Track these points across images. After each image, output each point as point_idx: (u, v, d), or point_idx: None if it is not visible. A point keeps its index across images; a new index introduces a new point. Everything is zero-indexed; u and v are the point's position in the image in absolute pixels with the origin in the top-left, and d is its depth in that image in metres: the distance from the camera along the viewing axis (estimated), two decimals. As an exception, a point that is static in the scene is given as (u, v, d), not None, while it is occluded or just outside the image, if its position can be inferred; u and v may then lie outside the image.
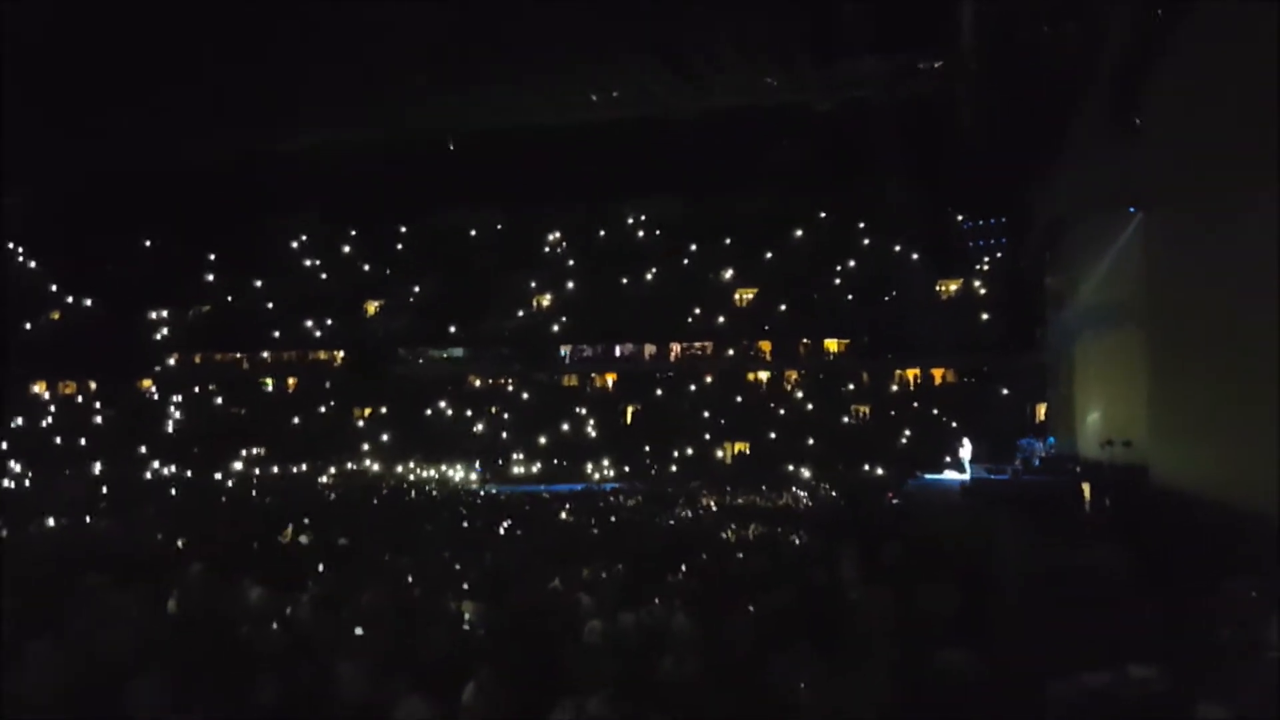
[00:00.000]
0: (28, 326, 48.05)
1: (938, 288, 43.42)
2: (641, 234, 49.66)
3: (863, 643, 8.30)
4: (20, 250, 50.44)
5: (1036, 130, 25.36)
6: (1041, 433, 33.84)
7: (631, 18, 29.54)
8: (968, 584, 9.49)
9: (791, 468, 35.68)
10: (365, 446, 41.51)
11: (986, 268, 42.48)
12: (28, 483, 33.48)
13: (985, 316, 40.64)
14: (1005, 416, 36.57)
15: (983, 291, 42.05)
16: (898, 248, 44.24)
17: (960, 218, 43.16)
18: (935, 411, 39.28)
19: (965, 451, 31.19)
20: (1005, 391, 38.27)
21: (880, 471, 34.26)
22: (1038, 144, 25.93)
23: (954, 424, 38.22)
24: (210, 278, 50.06)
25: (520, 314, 47.15)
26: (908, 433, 38.40)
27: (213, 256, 50.38)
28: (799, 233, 46.44)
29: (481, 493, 32.18)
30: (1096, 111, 21.02)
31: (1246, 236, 12.52)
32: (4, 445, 39.43)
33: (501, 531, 19.16)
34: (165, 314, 48.70)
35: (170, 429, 44.02)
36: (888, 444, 37.44)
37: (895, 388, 41.68)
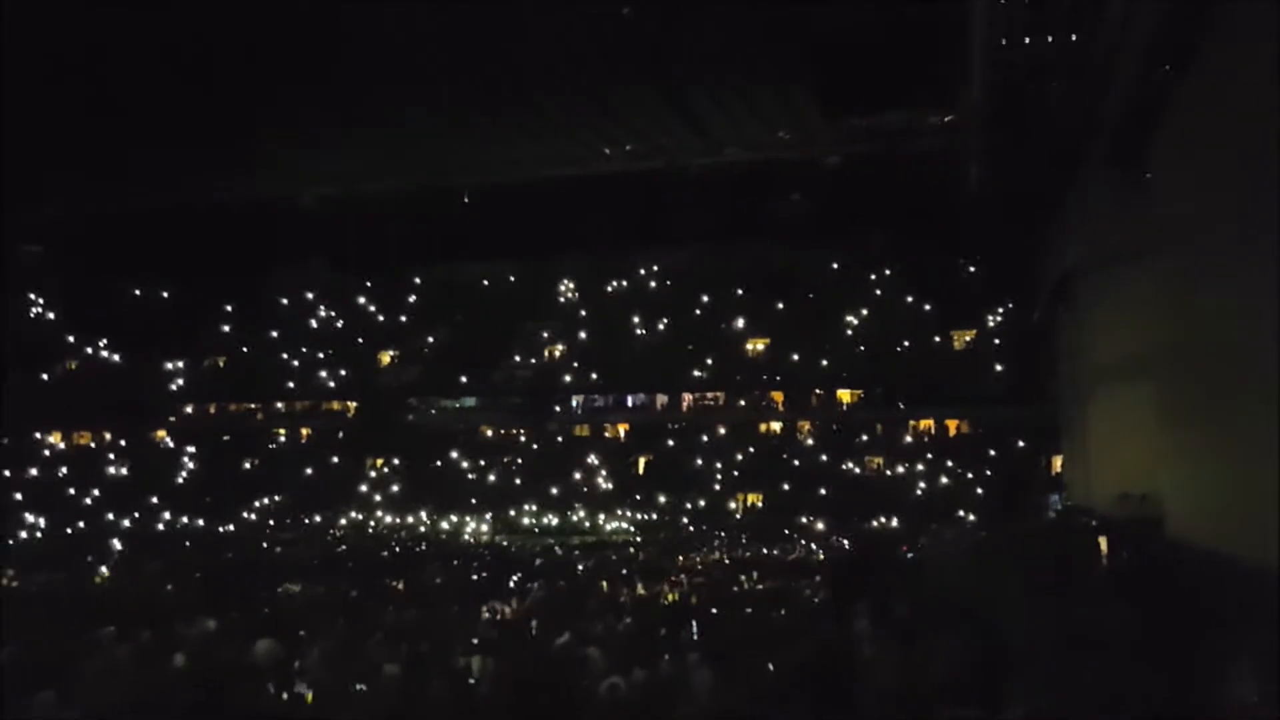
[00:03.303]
0: (44, 377, 48.41)
1: (951, 339, 43.42)
2: (654, 284, 49.91)
3: (873, 699, 8.19)
4: (38, 300, 51.01)
5: (1047, 181, 25.47)
6: (1056, 485, 33.57)
7: (644, 73, 29.97)
8: (981, 640, 9.37)
9: (805, 519, 35.46)
10: (377, 497, 41.48)
11: (999, 319, 42.45)
12: (39, 534, 33.56)
13: (999, 368, 40.53)
14: (1019, 469, 36.35)
15: (996, 342, 41.98)
16: (910, 299, 44.33)
17: (972, 269, 43.29)
18: (950, 463, 39.06)
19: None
20: (1020, 444, 38.03)
21: (895, 523, 34.00)
22: (1049, 195, 26.04)
23: (969, 475, 38.04)
24: (225, 328, 50.43)
25: (533, 364, 47.30)
26: (922, 484, 38.17)
27: (229, 307, 50.81)
28: (811, 284, 46.59)
29: (492, 544, 32.08)
30: (1106, 163, 21.13)
31: (1257, 286, 12.50)
32: (18, 495, 39.53)
33: (511, 584, 19.05)
34: (180, 364, 48.99)
35: (184, 480, 44.07)
36: (902, 496, 37.19)
37: (909, 439, 41.47)
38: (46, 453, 46.32)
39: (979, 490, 36.35)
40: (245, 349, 49.73)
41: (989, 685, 8.31)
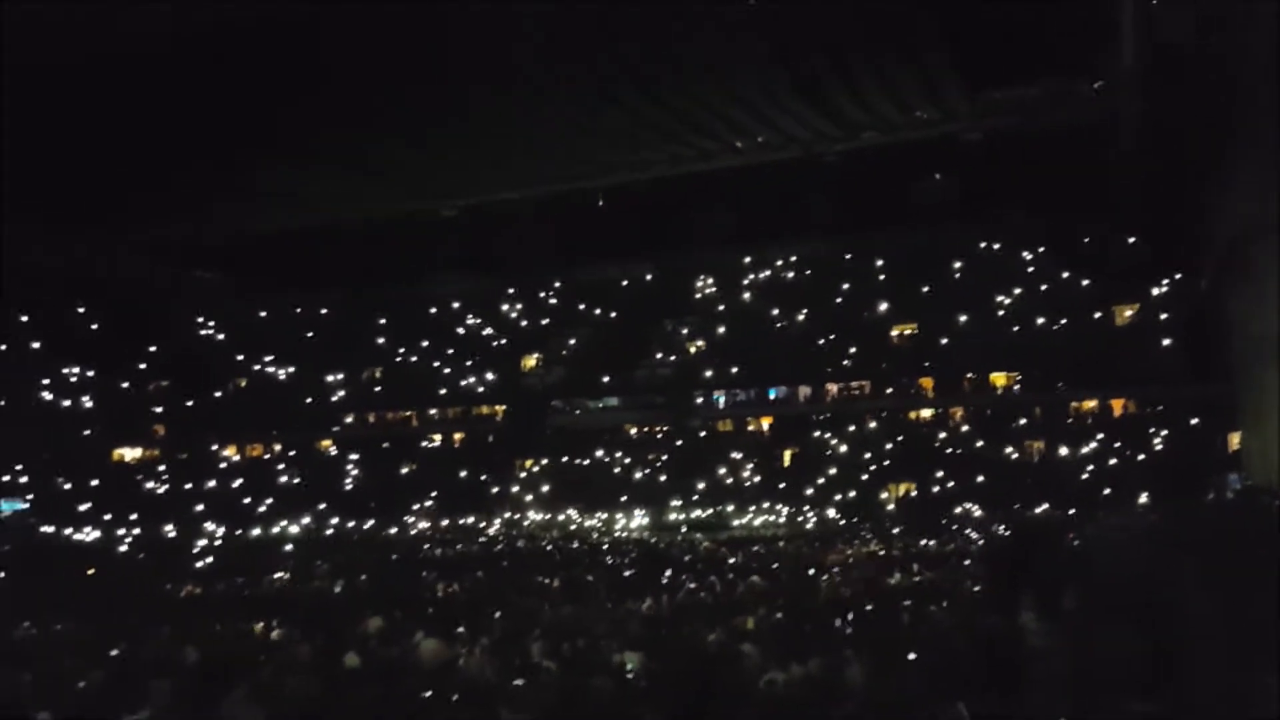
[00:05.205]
0: (217, 394, 51.50)
1: (1112, 314, 41.31)
2: (792, 275, 49.34)
3: (1040, 694, 7.86)
4: (208, 322, 54.35)
5: (1207, 142, 24.00)
6: (1234, 465, 31.55)
7: (774, 63, 29.65)
8: (1155, 631, 8.87)
9: (961, 508, 34.40)
10: (528, 498, 42.43)
11: (1164, 290, 40.08)
12: (219, 541, 35.71)
13: (1166, 342, 38.25)
14: (1193, 448, 34.31)
15: (1162, 316, 39.65)
16: (1065, 274, 42.33)
17: (1131, 240, 41.06)
18: (1116, 445, 37.14)
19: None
20: (1193, 422, 35.85)
21: (1059, 510, 32.55)
22: (1210, 156, 24.53)
23: (1137, 457, 36.13)
24: (380, 340, 52.49)
25: (673, 360, 47.46)
26: (1087, 468, 36.41)
27: (382, 320, 52.89)
28: (958, 264, 45.10)
29: (641, 541, 32.32)
30: (1272, 122, 19.71)
31: None
32: (200, 506, 42.17)
33: (663, 580, 19.14)
34: (340, 376, 51.28)
35: (348, 486, 46.09)
36: (1066, 481, 35.55)
37: (1071, 421, 39.66)
38: (223, 465, 49.22)
39: (1149, 473, 34.45)
40: (399, 359, 51.67)
41: (1164, 678, 7.87)
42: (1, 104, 24.40)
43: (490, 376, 49.11)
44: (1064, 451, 38.08)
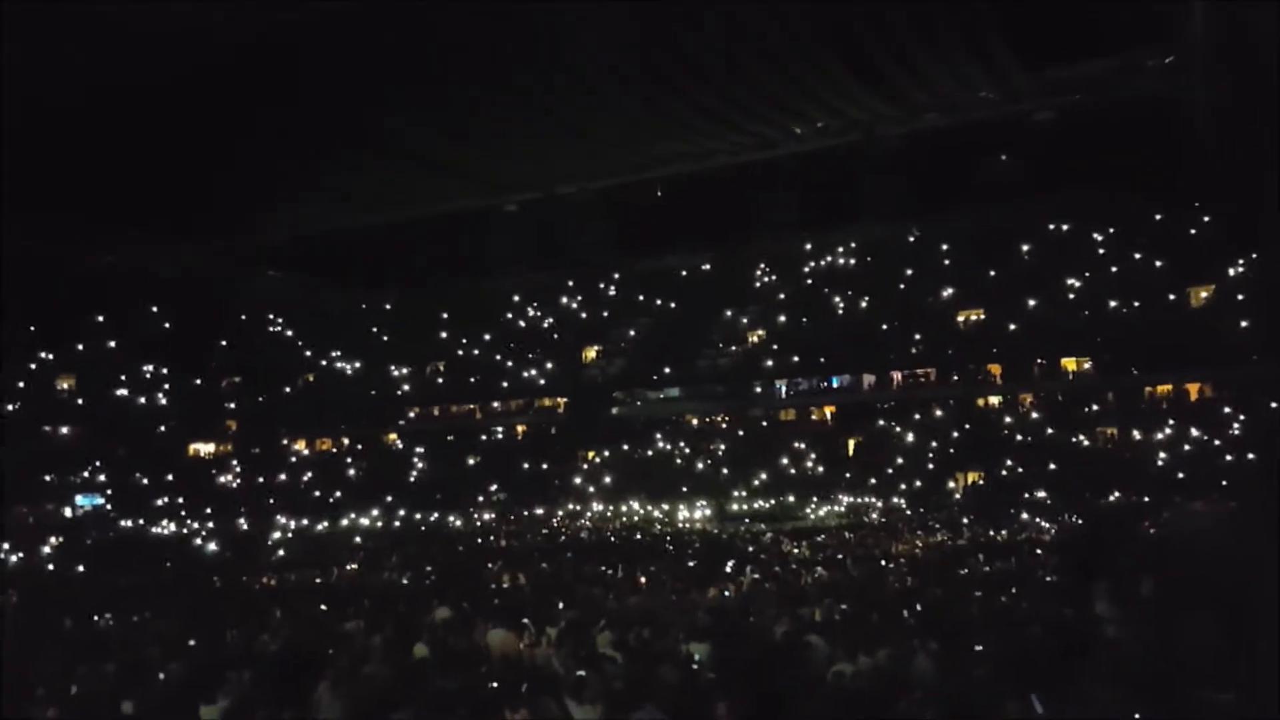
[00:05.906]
0: (287, 389, 52.56)
1: (1187, 296, 40.15)
2: (853, 261, 48.80)
3: (1117, 685, 7.67)
4: (277, 319, 55.48)
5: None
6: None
7: (833, 47, 29.23)
8: (1234, 620, 8.61)
9: (1032, 496, 33.76)
10: (591, 489, 42.62)
11: (1241, 270, 38.83)
12: (290, 533, 36.45)
13: (1244, 323, 37.07)
14: (1272, 431, 33.20)
15: (1239, 296, 38.44)
16: (1138, 256, 41.23)
17: (1206, 218, 39.83)
18: (1193, 430, 36.13)
19: None
20: (1273, 404, 34.70)
21: (1134, 497, 31.80)
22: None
23: (1215, 441, 35.13)
24: (443, 334, 53.08)
25: (734, 350, 47.29)
26: (1163, 454, 35.48)
27: (444, 315, 53.47)
28: (1026, 247, 44.17)
29: (704, 531, 32.28)
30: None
31: None
32: (271, 499, 43.09)
33: (727, 570, 19.08)
34: (405, 371, 52.00)
35: (414, 478, 46.74)
36: (1141, 467, 34.70)
37: (1145, 406, 38.66)
38: (293, 459, 50.24)
39: (1227, 457, 33.47)
40: (462, 353, 52.22)
41: (1243, 670, 7.64)
42: (69, 114, 25.12)
43: (552, 369, 49.43)
44: (1138, 437, 37.15)
